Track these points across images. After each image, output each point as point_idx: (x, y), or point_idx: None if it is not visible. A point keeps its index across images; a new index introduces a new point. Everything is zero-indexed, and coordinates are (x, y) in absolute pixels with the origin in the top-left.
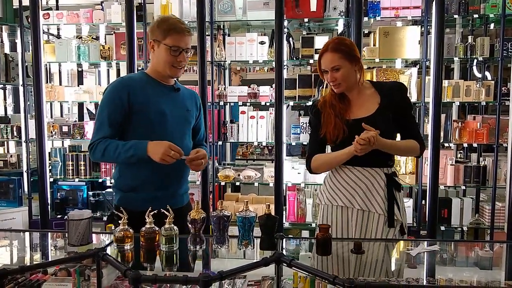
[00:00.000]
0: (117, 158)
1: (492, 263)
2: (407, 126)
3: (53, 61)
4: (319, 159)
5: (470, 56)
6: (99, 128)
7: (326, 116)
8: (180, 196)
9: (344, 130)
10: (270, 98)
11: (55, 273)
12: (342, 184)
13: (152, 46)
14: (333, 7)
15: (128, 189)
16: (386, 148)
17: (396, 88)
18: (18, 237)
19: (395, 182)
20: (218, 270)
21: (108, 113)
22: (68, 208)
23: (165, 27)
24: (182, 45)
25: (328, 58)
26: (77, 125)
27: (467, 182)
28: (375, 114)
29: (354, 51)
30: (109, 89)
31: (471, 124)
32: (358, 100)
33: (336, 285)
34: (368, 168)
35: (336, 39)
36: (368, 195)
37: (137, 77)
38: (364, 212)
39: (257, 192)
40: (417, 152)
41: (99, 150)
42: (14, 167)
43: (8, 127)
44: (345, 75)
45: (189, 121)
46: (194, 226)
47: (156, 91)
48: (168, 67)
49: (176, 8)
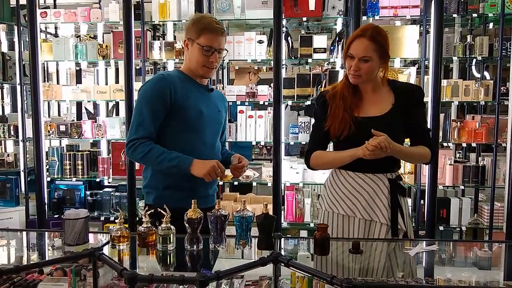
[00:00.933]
0: (158, 164)
1: (491, 263)
2: (419, 132)
3: (50, 60)
4: (320, 156)
5: (469, 55)
6: (140, 125)
7: (334, 108)
8: (211, 196)
9: (351, 126)
10: (268, 97)
11: (51, 273)
12: (343, 191)
13: (186, 45)
14: (331, 6)
15: (162, 187)
16: (398, 155)
17: (413, 92)
18: (15, 237)
19: (399, 187)
20: (216, 269)
21: (151, 110)
22: (66, 207)
23: (199, 26)
24: (215, 45)
25: (362, 45)
26: (74, 124)
27: (466, 182)
28: (386, 115)
29: (387, 47)
30: (151, 85)
31: (470, 124)
32: (371, 96)
33: (334, 285)
34: (371, 174)
35: (377, 27)
36: (371, 203)
37: (175, 75)
38: (366, 221)
39: (256, 192)
40: (427, 160)
41: (140, 151)
42: (11, 166)
43: (5, 126)
44: (371, 69)
45: (221, 122)
46: (191, 226)
47: (193, 90)
48: (200, 67)
49: (174, 7)
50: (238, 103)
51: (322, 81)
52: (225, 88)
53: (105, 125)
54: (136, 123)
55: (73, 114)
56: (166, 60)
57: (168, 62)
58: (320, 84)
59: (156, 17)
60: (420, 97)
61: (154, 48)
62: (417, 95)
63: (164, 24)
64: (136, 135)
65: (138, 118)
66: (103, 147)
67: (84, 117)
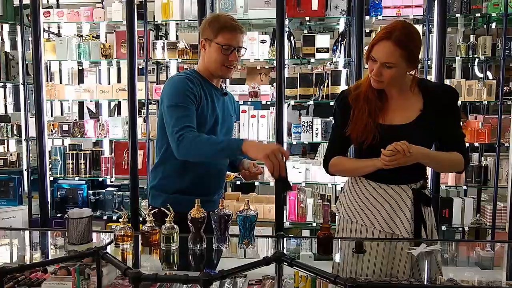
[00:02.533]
0: (210, 147)
1: (493, 263)
2: (451, 138)
3: (53, 59)
4: (340, 164)
5: (472, 55)
6: (182, 117)
7: (357, 112)
8: (217, 201)
9: (376, 135)
10: (271, 97)
11: (55, 272)
12: (363, 201)
13: (203, 46)
14: (334, 5)
15: (172, 190)
16: (426, 160)
17: (446, 94)
18: (18, 236)
19: (423, 196)
20: (219, 269)
21: (186, 105)
22: (68, 206)
23: (216, 25)
24: (234, 43)
25: (386, 49)
26: (77, 123)
27: (469, 182)
28: (413, 123)
29: (418, 52)
30: (178, 82)
31: (472, 124)
32: (398, 101)
33: (337, 284)
34: (394, 185)
35: (406, 27)
36: (393, 216)
37: (193, 76)
38: (386, 233)
39: (258, 192)
40: (461, 168)
41: (192, 138)
42: (14, 165)
43: (8, 126)
44: (395, 75)
45: (232, 126)
46: (195, 225)
47: (211, 93)
48: (219, 67)
49: (177, 6)
50: (241, 102)
51: (324, 81)
52: (227, 88)
53: (107, 125)
54: (176, 117)
55: (75, 114)
56: (169, 59)
57: (170, 61)
58: (322, 84)
59: (159, 16)
60: (453, 100)
61: (156, 47)
62: (450, 99)
63: (166, 24)
64: (181, 125)
65: (177, 112)
66: (106, 146)
67: (86, 116)
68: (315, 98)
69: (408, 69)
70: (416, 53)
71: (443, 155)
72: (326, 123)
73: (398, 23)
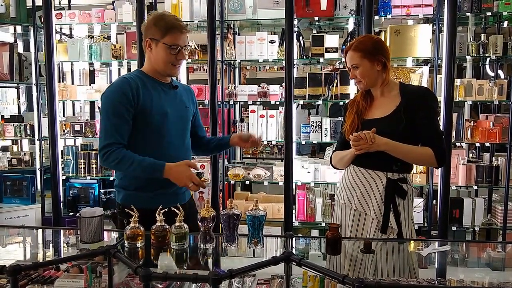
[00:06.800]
0: (132, 172)
1: (505, 264)
2: (424, 134)
3: (65, 60)
4: (336, 156)
5: (482, 54)
6: (110, 131)
7: (348, 112)
8: (182, 194)
9: (358, 128)
10: (280, 97)
11: (68, 270)
12: (346, 182)
13: (149, 45)
14: (343, 5)
15: (132, 188)
16: (392, 151)
17: (419, 93)
18: (31, 234)
19: (399, 188)
20: (228, 268)
21: (119, 115)
22: (80, 205)
23: (163, 25)
24: (181, 43)
25: (348, 56)
26: (89, 123)
27: (479, 182)
28: (388, 116)
29: (377, 50)
30: (115, 89)
31: (483, 124)
32: (379, 100)
33: (345, 284)
34: (369, 169)
35: (362, 38)
36: (366, 196)
37: (136, 77)
38: (360, 213)
39: (267, 191)
40: (432, 162)
41: (113, 160)
42: (27, 165)
43: (21, 126)
44: (363, 73)
45: (188, 118)
46: (204, 224)
47: (157, 90)
48: (168, 66)
49: (187, 7)
50: (250, 102)
51: (333, 81)
52: (236, 88)
53: None
54: (104, 129)
55: (87, 114)
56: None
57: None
58: (331, 84)
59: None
60: (428, 100)
61: None
62: (424, 98)
63: None
64: (107, 141)
65: (107, 124)
66: None
67: (98, 116)
68: (324, 98)
69: (375, 66)
70: (373, 50)
71: (409, 147)
72: (335, 123)
73: (358, 37)
